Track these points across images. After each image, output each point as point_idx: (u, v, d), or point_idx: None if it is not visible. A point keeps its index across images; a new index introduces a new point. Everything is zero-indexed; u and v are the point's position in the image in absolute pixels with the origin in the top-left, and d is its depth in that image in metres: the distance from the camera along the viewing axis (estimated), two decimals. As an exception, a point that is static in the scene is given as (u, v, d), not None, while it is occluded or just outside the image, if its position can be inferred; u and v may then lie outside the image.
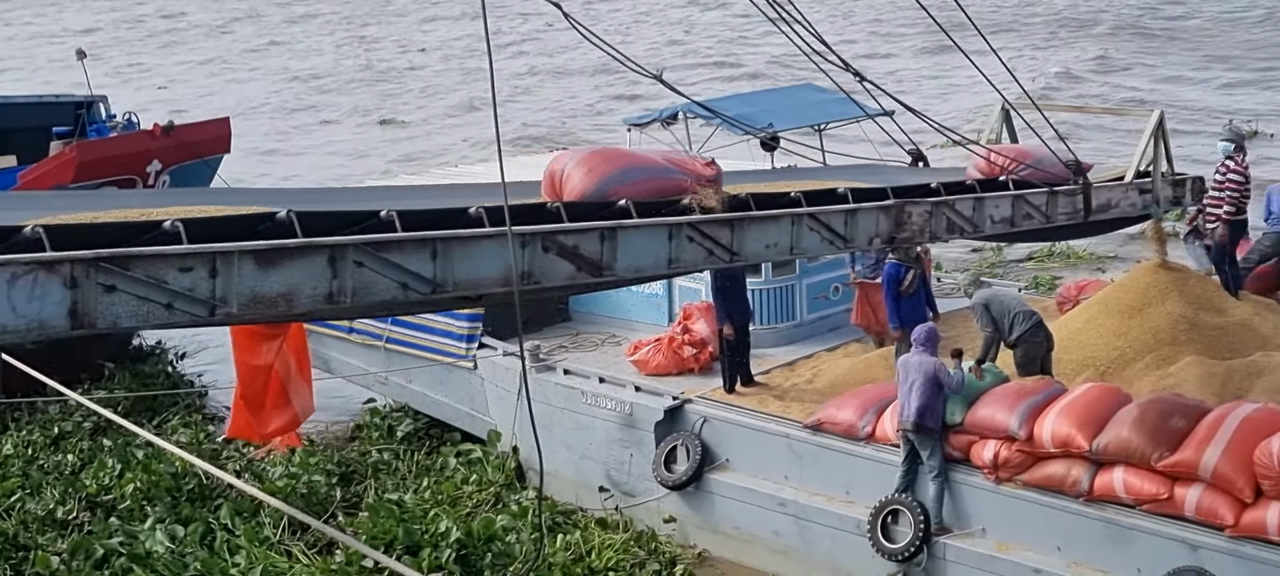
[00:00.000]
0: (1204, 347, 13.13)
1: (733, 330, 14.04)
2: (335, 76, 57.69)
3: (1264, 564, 10.22)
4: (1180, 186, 13.29)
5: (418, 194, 8.54)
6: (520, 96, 47.84)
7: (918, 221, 9.65)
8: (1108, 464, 11.06)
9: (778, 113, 15.84)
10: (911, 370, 11.93)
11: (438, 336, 16.13)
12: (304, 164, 39.10)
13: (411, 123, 45.74)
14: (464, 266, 7.17)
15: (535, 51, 59.96)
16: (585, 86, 50.32)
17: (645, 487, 14.09)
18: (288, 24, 78.44)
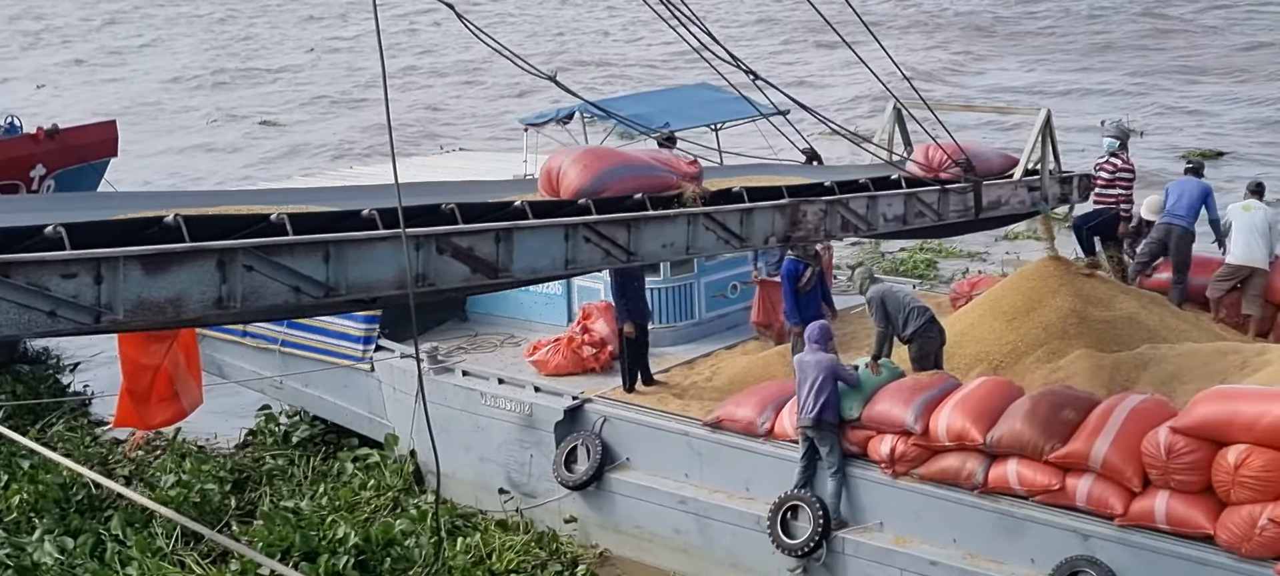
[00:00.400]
0: (1093, 341, 13.38)
1: (633, 329, 14.05)
2: (215, 76, 56.68)
3: (1152, 551, 10.44)
4: (1067, 183, 13.54)
5: (310, 196, 8.43)
6: (407, 94, 47.43)
7: (813, 220, 9.72)
8: (1001, 456, 11.23)
9: (674, 112, 15.87)
10: (809, 368, 12.00)
11: (334, 339, 15.94)
12: (189, 165, 38.36)
13: (292, 124, 44.88)
14: (357, 269, 7.09)
15: (413, 49, 59.58)
16: (477, 85, 50.07)
17: (546, 488, 14.05)
18: (168, 23, 76.88)
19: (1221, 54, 46.70)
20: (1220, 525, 10.12)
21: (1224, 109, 37.91)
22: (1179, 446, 10.28)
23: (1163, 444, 10.35)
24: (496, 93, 47.46)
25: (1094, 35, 52.69)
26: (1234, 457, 10.03)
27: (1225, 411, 10.18)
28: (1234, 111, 37.35)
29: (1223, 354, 12.81)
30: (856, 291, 13.12)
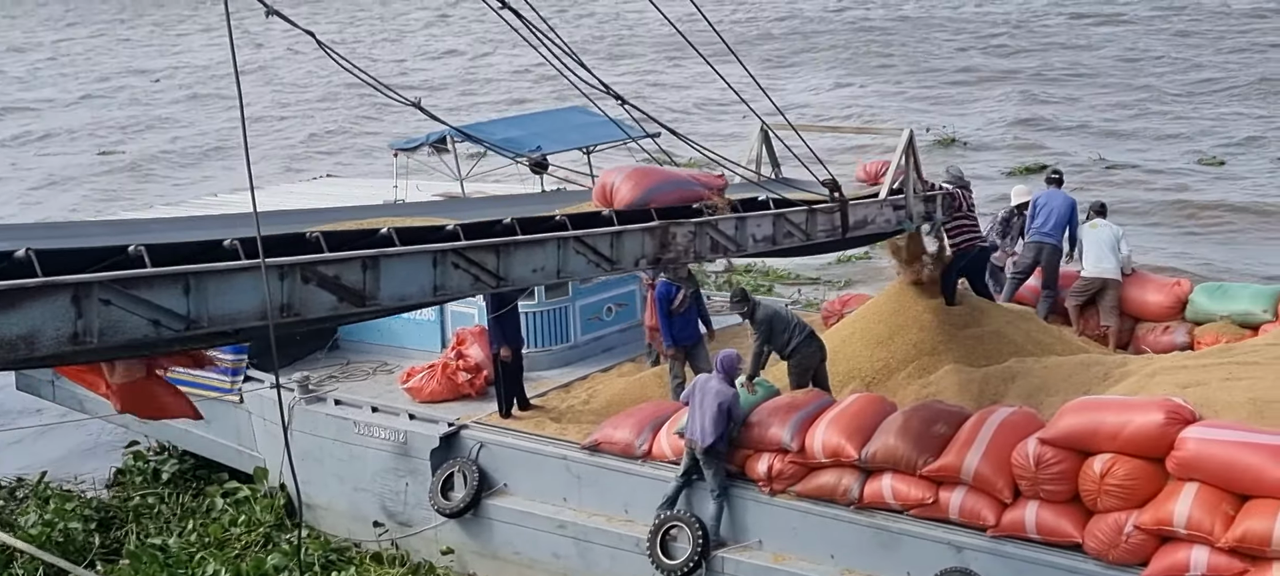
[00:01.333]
0: (962, 356, 13.61)
1: (509, 353, 13.96)
2: (55, 104, 55.49)
3: (1023, 561, 10.60)
4: (931, 201, 13.75)
5: (169, 227, 8.23)
6: (264, 122, 46.89)
7: (682, 242, 9.73)
8: (876, 471, 11.34)
9: (546, 136, 15.83)
10: (708, 393, 11.96)
11: (202, 371, 15.56)
12: (33, 196, 37.32)
13: (154, 156, 44.08)
14: (219, 301, 6.89)
15: (266, 79, 59.02)
16: (342, 109, 49.68)
17: (422, 517, 13.89)
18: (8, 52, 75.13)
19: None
20: (1088, 533, 10.30)
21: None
22: (1047, 457, 10.45)
23: (1031, 455, 10.52)
24: (364, 116, 47.13)
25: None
26: (1099, 466, 10.21)
27: (1090, 422, 10.38)
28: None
29: (1086, 366, 13.10)
30: (737, 310, 13.13)
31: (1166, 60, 50.16)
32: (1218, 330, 14.29)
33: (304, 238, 7.47)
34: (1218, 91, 43.30)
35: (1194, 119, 39.23)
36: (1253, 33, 55.59)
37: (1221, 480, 9.77)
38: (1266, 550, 9.37)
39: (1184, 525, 9.72)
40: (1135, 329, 15.02)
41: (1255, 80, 44.17)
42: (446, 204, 13.12)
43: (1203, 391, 11.05)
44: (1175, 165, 33.28)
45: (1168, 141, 36.27)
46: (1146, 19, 62.84)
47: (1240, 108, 40.39)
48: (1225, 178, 31.75)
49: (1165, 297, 14.96)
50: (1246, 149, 34.84)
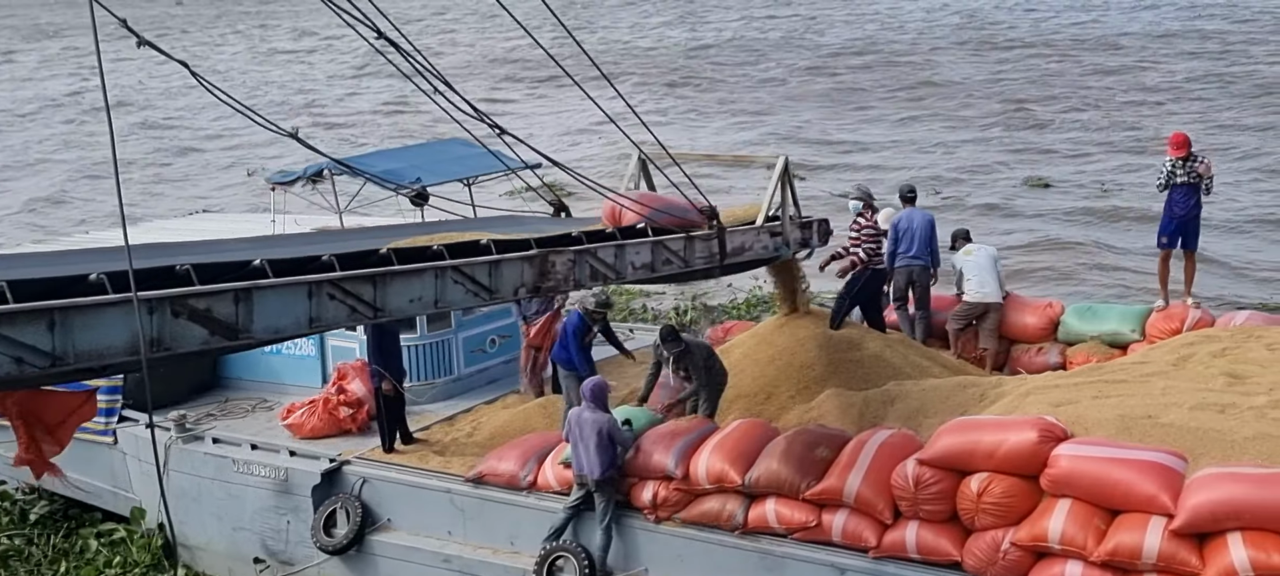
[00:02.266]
0: (842, 380, 13.76)
1: (391, 387, 13.84)
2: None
3: (905, 581, 10.75)
4: (808, 228, 13.90)
5: (34, 262, 8.04)
6: (135, 156, 46.13)
7: (562, 270, 9.73)
8: (760, 496, 11.39)
9: (426, 167, 15.73)
10: (586, 426, 11.92)
11: None
12: None
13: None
14: (86, 336, 6.74)
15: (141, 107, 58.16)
16: (216, 144, 49.02)
17: (304, 555, 13.68)
18: None
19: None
20: (967, 551, 10.44)
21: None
22: (926, 477, 10.58)
23: (911, 476, 10.64)
24: (246, 151, 46.50)
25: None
26: (977, 485, 10.35)
27: (967, 442, 10.53)
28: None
29: (963, 387, 13.31)
30: (669, 349, 13.16)
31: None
32: (1088, 350, 14.64)
33: (174, 270, 7.34)
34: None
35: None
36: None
37: (1093, 496, 9.98)
38: (1137, 563, 9.58)
39: (1058, 540, 9.89)
40: (1010, 350, 15.32)
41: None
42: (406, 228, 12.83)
43: (1074, 409, 11.27)
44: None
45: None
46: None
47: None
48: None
49: (1038, 319, 15.30)
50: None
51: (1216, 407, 10.97)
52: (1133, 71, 53.47)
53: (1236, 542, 9.26)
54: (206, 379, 16.36)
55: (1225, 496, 9.39)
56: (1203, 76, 50.39)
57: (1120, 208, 30.58)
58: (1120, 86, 49.71)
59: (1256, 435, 10.30)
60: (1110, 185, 33.38)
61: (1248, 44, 60.12)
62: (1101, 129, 41.55)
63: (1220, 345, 13.06)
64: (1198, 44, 61.12)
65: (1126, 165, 35.37)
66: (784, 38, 77.01)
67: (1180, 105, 44.88)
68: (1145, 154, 35.82)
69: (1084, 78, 52.76)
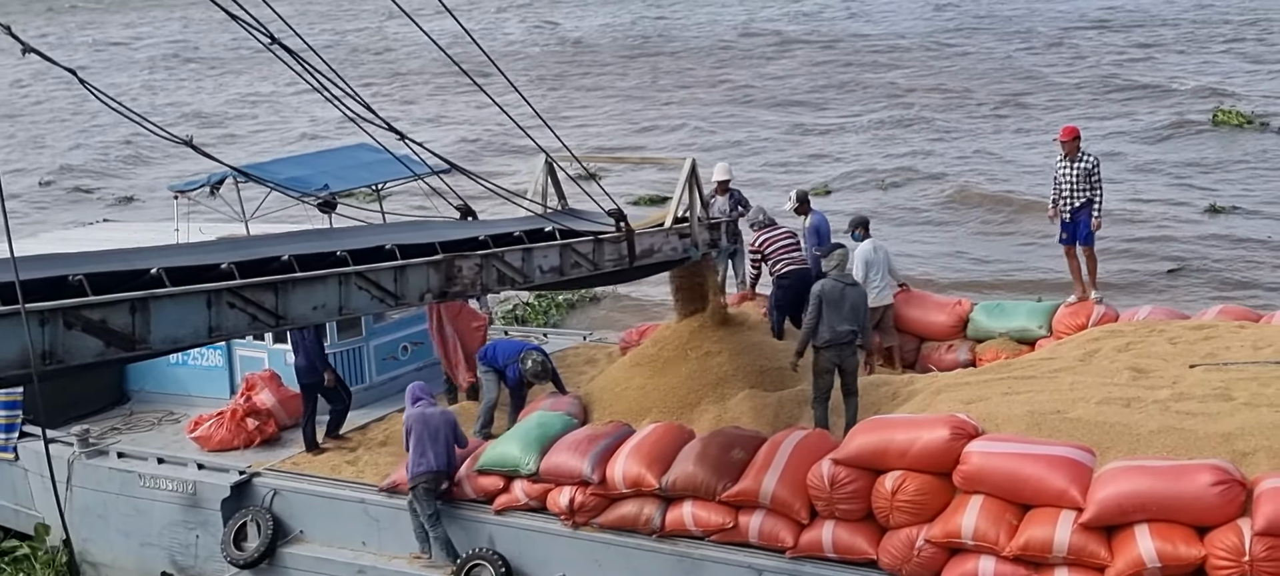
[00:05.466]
0: (756, 382, 13.77)
1: (332, 378, 13.94)
2: None
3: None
4: (716, 229, 13.89)
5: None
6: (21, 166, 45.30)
7: (469, 275, 9.63)
8: (677, 499, 11.38)
9: (333, 174, 15.51)
10: (434, 422, 12.25)
11: None
12: None
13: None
14: (-28, 349, 6.56)
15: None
16: (115, 153, 48.29)
17: (214, 569, 13.50)
18: None
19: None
20: (882, 549, 10.50)
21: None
22: (841, 477, 10.62)
23: (826, 475, 10.67)
24: (133, 159, 45.84)
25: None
26: (891, 484, 10.41)
27: (880, 441, 10.58)
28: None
29: (875, 386, 13.38)
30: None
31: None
32: (997, 346, 14.77)
33: (66, 280, 7.14)
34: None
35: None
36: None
37: (1005, 491, 10.07)
38: (1048, 557, 9.68)
39: (971, 536, 9.97)
40: (920, 348, 15.40)
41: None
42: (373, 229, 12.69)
43: (985, 406, 11.38)
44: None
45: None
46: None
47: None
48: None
49: (948, 317, 15.39)
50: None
51: (1122, 401, 11.14)
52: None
53: (1144, 534, 9.40)
54: (112, 392, 16.03)
55: (1132, 489, 9.53)
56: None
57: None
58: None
59: (1161, 428, 10.47)
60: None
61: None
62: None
63: (1125, 340, 13.28)
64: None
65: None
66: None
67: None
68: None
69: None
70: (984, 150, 38.22)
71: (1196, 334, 13.25)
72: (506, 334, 17.49)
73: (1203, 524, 9.34)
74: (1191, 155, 35.63)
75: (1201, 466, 9.50)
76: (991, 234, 29.30)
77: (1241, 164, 34.16)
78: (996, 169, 35.41)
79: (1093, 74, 51.38)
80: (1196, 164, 34.58)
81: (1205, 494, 9.29)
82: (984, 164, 36.16)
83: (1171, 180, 33.04)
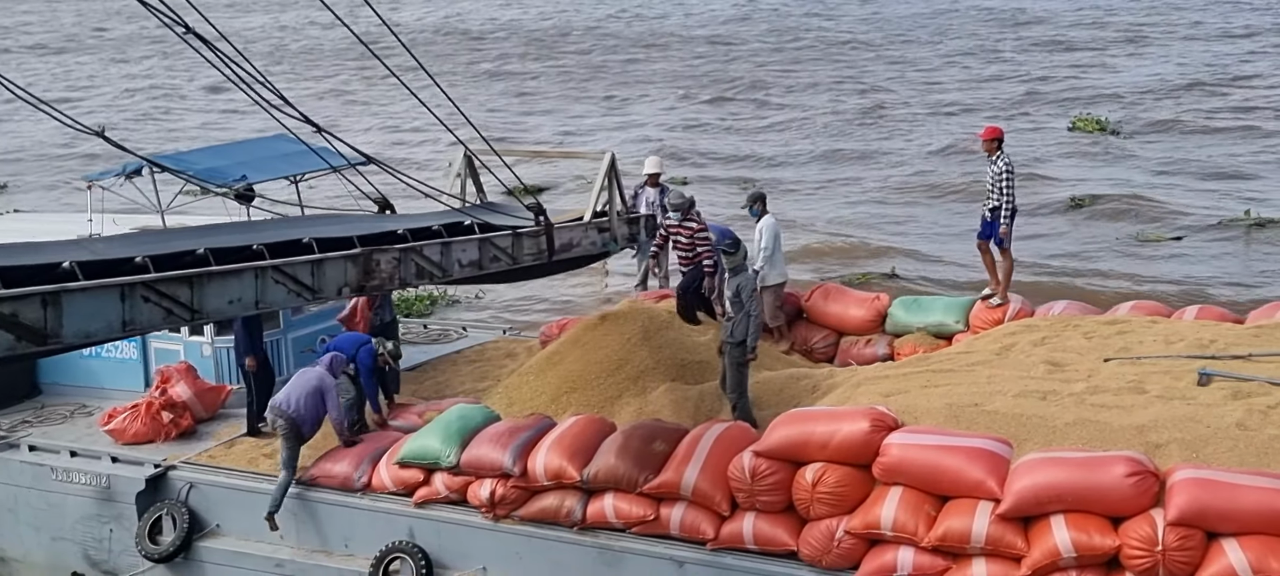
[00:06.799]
0: (677, 375, 13.80)
1: (254, 363, 13.81)
2: None
3: (743, 571, 10.83)
4: (635, 224, 13.88)
5: None
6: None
7: (387, 268, 9.58)
8: (598, 491, 11.39)
9: (251, 165, 15.29)
10: (309, 375, 12.85)
11: None
12: None
13: None
14: (-125, 343, 6.43)
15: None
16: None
17: (128, 564, 13.33)
18: None
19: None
20: (803, 540, 10.58)
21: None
22: (762, 469, 10.68)
23: (747, 467, 10.73)
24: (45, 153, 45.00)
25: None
26: (811, 475, 10.50)
27: (801, 433, 10.66)
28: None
29: (795, 379, 13.47)
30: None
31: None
32: (915, 341, 14.87)
33: None
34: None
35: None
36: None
37: (923, 482, 10.19)
38: (966, 547, 9.82)
39: (890, 527, 10.09)
40: (840, 342, 15.48)
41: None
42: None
43: (904, 399, 11.50)
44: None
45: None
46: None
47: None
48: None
49: (866, 311, 15.43)
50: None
51: (1039, 394, 11.29)
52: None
53: (1059, 524, 9.55)
54: (23, 385, 15.73)
55: (1048, 480, 9.67)
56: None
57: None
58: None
59: (1077, 420, 10.63)
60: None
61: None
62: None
63: (1040, 334, 13.46)
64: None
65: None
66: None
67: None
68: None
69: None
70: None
71: (1110, 328, 13.47)
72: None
73: (1117, 514, 9.51)
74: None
75: (1116, 458, 9.66)
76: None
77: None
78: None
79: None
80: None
81: (1120, 485, 9.45)
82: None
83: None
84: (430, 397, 14.55)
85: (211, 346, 14.83)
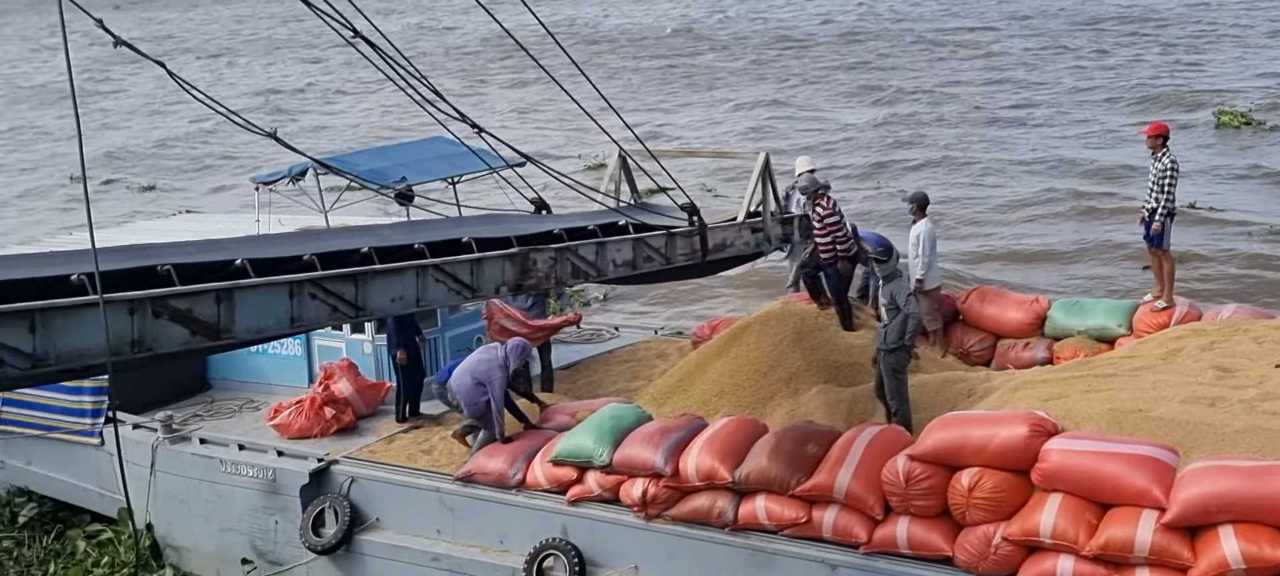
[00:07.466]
0: (830, 376, 13.72)
1: (405, 357, 14.09)
2: None
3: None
4: (788, 224, 13.82)
5: (13, 264, 7.97)
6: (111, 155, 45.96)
7: (543, 268, 9.68)
8: (750, 493, 11.36)
9: (411, 166, 15.65)
10: (481, 353, 13.37)
11: (59, 414, 15.18)
12: None
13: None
14: (67, 337, 6.69)
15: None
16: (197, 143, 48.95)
17: (292, 555, 13.66)
18: None
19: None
20: (958, 546, 10.43)
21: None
22: (916, 473, 10.56)
23: (901, 471, 10.62)
24: (219, 150, 46.44)
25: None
26: (967, 481, 10.34)
27: (957, 437, 10.51)
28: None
29: (950, 383, 13.29)
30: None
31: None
32: (1076, 344, 14.55)
33: (155, 271, 7.28)
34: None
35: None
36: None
37: (1084, 490, 9.96)
38: (1129, 557, 9.56)
39: (1050, 535, 9.88)
40: (997, 345, 15.24)
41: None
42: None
43: (1064, 404, 11.26)
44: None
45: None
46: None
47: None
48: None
49: (1024, 314, 15.17)
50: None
51: (1206, 401, 10.97)
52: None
53: (1228, 535, 9.25)
54: (194, 380, 16.28)
55: (1217, 489, 9.38)
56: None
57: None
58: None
59: (1247, 427, 10.30)
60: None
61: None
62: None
63: (1208, 339, 13.05)
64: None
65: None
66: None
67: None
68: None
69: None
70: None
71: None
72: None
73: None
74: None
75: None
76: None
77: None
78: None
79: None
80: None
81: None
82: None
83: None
84: (582, 397, 14.68)
85: (372, 344, 15.18)
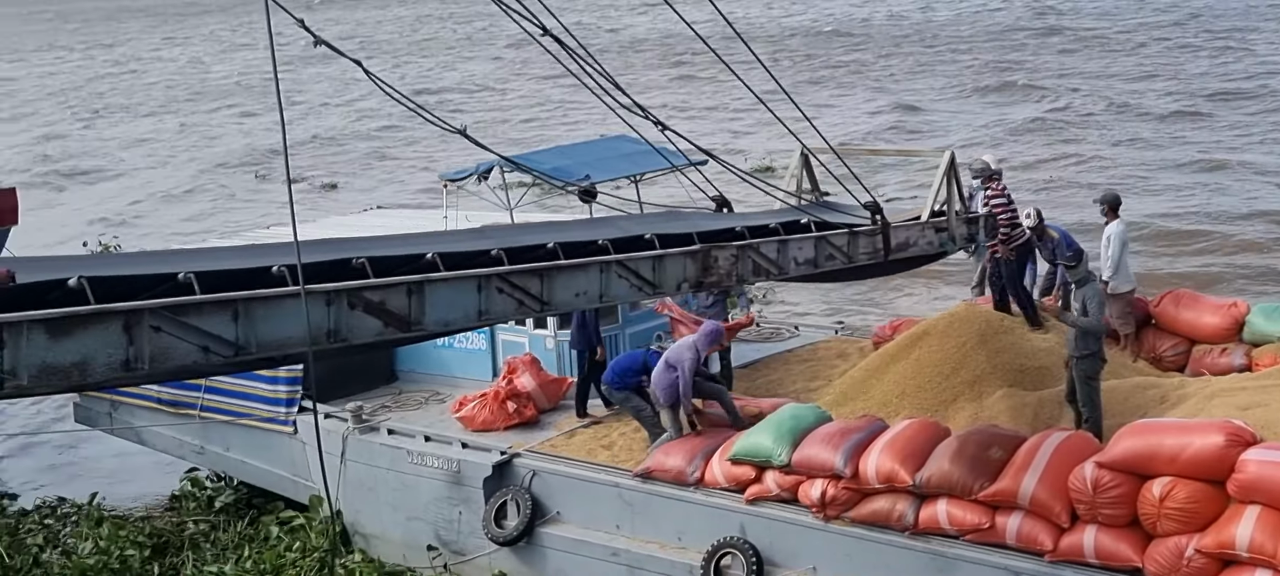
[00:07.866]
0: (1014, 380, 13.46)
1: (603, 351, 14.42)
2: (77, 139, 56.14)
3: (1082, 586, 10.48)
4: (973, 223, 13.59)
5: (219, 255, 8.33)
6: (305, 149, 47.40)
7: (724, 265, 9.71)
8: (931, 496, 11.24)
9: (594, 165, 15.87)
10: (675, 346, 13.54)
11: (256, 402, 15.75)
12: (73, 230, 37.05)
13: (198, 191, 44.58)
14: (267, 327, 6.96)
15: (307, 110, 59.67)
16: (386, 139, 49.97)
17: (475, 545, 13.93)
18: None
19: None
20: (1148, 557, 10.17)
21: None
22: (1105, 480, 10.33)
23: (1089, 478, 10.39)
24: (407, 147, 47.43)
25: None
26: (1159, 490, 10.08)
27: (1148, 445, 10.25)
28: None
29: (1142, 388, 12.94)
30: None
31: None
32: (1276, 351, 13.97)
33: (350, 263, 7.53)
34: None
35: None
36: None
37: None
38: (1330, 573, 9.22)
39: (1246, 548, 9.59)
40: (1191, 351, 14.74)
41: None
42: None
43: (1263, 413, 10.90)
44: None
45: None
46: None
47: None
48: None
49: (1221, 319, 14.61)
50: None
51: None
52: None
53: None
54: (383, 371, 16.74)
55: None
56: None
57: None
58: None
59: None
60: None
61: None
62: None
63: None
64: None
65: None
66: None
67: None
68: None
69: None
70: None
71: None
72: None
73: None
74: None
75: None
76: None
77: None
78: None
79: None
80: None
81: None
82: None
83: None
84: (762, 396, 14.67)
85: (554, 339, 15.40)
